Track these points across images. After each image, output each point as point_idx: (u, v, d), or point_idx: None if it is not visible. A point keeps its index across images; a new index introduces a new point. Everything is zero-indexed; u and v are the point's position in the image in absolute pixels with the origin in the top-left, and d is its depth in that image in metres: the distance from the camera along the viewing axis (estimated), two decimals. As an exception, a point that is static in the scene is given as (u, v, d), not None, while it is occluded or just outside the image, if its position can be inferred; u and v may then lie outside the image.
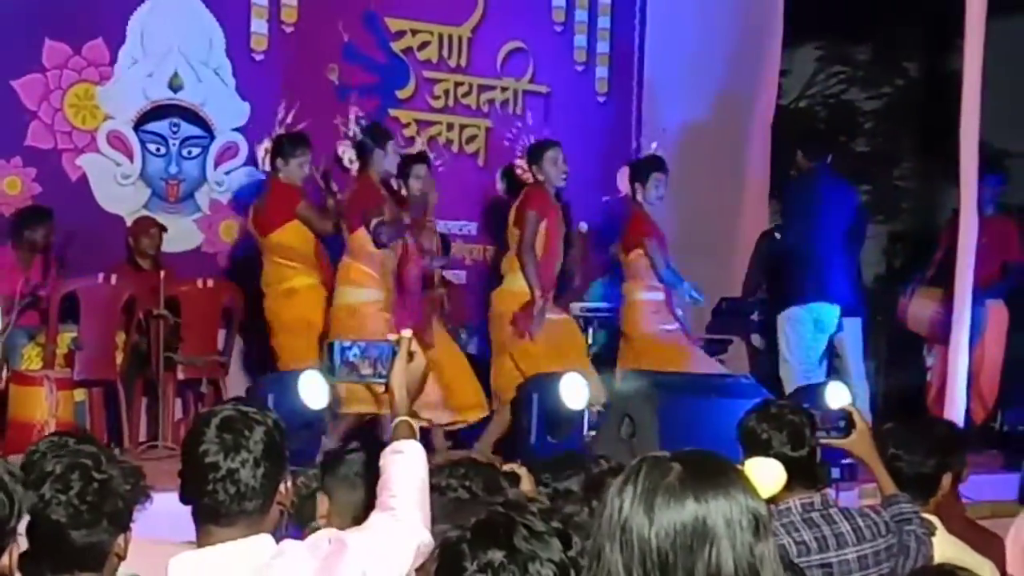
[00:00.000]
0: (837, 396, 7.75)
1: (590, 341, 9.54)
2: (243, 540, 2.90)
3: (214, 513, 2.91)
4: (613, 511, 1.98)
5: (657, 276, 8.85)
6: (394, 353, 3.36)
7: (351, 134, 8.31)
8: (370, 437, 6.64)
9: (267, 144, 8.50)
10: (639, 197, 8.96)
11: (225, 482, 2.89)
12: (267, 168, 8.31)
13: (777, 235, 9.71)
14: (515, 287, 8.49)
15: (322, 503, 3.80)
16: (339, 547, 2.95)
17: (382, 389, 3.40)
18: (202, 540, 2.94)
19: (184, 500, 2.96)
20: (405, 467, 3.18)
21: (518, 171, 8.89)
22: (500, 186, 9.62)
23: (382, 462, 3.23)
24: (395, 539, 3.04)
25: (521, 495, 3.48)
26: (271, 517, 2.98)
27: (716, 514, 1.94)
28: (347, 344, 3.45)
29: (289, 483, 3.07)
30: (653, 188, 8.86)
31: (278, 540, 2.98)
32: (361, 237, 8.04)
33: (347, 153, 8.24)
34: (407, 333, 3.43)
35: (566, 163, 8.65)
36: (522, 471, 4.07)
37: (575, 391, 7.88)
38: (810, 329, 9.19)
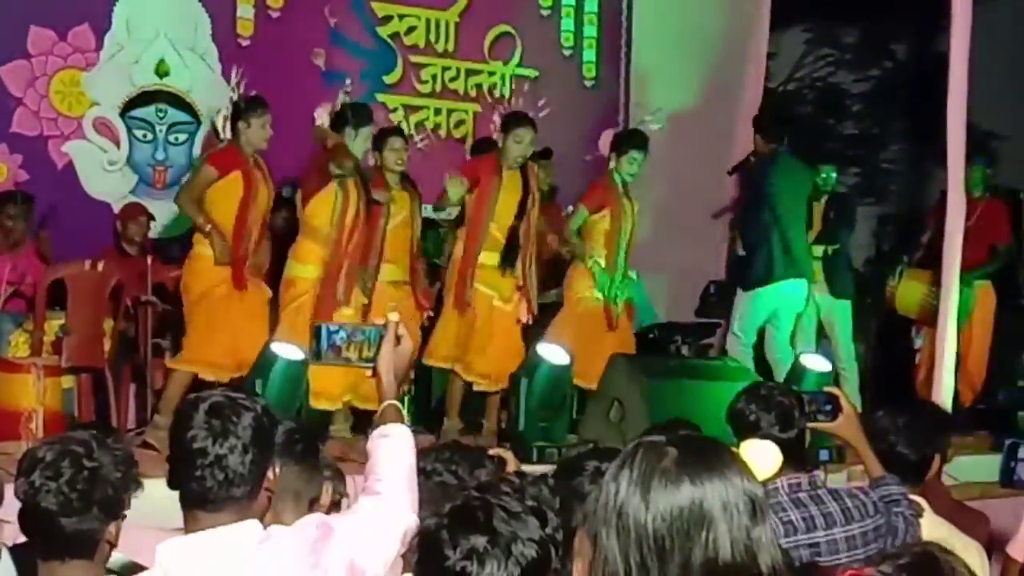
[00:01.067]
0: (813, 362, 7.80)
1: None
2: (231, 526, 2.89)
3: (202, 499, 2.90)
4: (609, 496, 1.97)
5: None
6: (381, 337, 3.35)
7: (337, 102, 8.12)
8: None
9: (224, 111, 8.29)
10: (612, 165, 8.88)
11: (213, 468, 2.88)
12: (227, 135, 8.06)
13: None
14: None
15: (325, 491, 3.79)
16: (326, 532, 2.94)
17: (369, 373, 3.39)
18: (189, 526, 2.93)
19: (172, 486, 2.95)
20: (392, 451, 3.18)
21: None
22: None
23: (369, 446, 3.22)
24: (382, 523, 3.04)
25: (493, 475, 3.47)
26: (259, 503, 2.97)
27: (713, 497, 1.93)
28: (333, 328, 3.44)
29: (278, 469, 3.06)
30: (627, 164, 8.77)
31: (265, 526, 2.97)
32: (308, 209, 7.84)
33: (322, 117, 8.07)
34: (394, 317, 3.41)
35: (532, 144, 8.48)
36: (508, 455, 4.07)
37: (554, 353, 7.86)
38: (763, 311, 9.23)
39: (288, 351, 7.10)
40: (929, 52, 12.96)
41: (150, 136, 9.52)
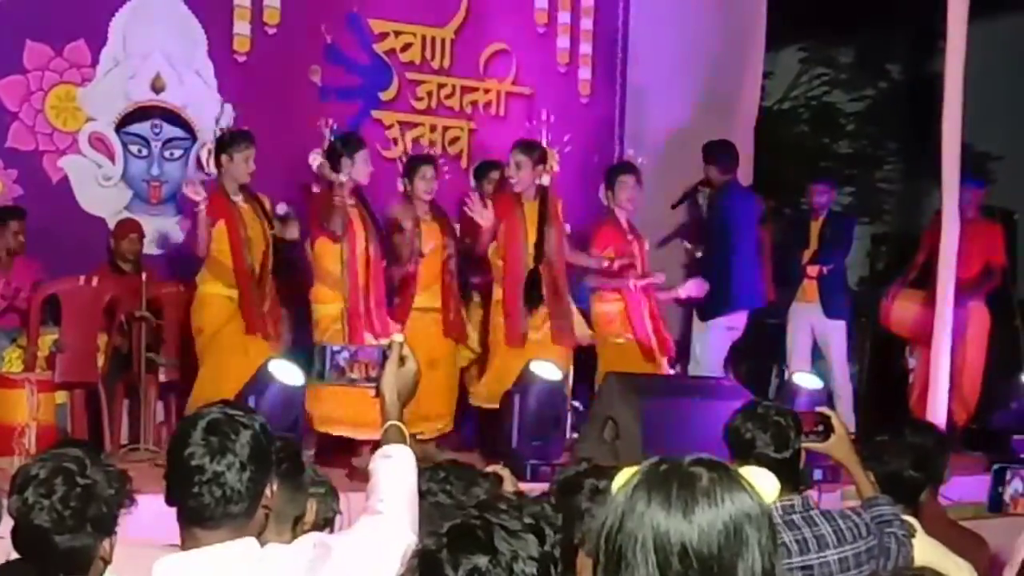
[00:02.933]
0: (805, 380, 7.82)
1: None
2: (228, 543, 2.88)
3: (199, 516, 2.90)
4: (637, 518, 1.98)
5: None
6: (385, 357, 3.35)
7: (325, 144, 8.20)
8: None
9: (209, 145, 8.30)
10: (610, 203, 9.01)
11: (211, 485, 2.88)
12: (211, 169, 8.11)
13: (694, 251, 9.74)
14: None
15: (310, 508, 3.79)
16: (324, 551, 2.94)
17: (373, 393, 3.38)
18: (187, 543, 2.93)
19: (169, 502, 2.95)
20: (393, 472, 3.17)
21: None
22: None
23: (371, 466, 3.22)
24: (381, 543, 3.03)
25: (492, 494, 3.46)
26: (256, 520, 2.97)
27: (746, 513, 1.97)
28: (337, 348, 3.44)
29: (275, 486, 3.06)
30: (621, 191, 8.90)
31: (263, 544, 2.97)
32: (315, 250, 8.03)
33: (316, 160, 8.16)
34: (399, 337, 3.41)
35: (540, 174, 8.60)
36: (504, 472, 4.07)
37: (546, 369, 7.91)
38: (721, 336, 9.28)
39: (286, 374, 7.08)
40: (924, 72, 13.00)
41: (145, 152, 9.51)
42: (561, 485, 3.41)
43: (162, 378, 8.49)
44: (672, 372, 9.21)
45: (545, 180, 8.63)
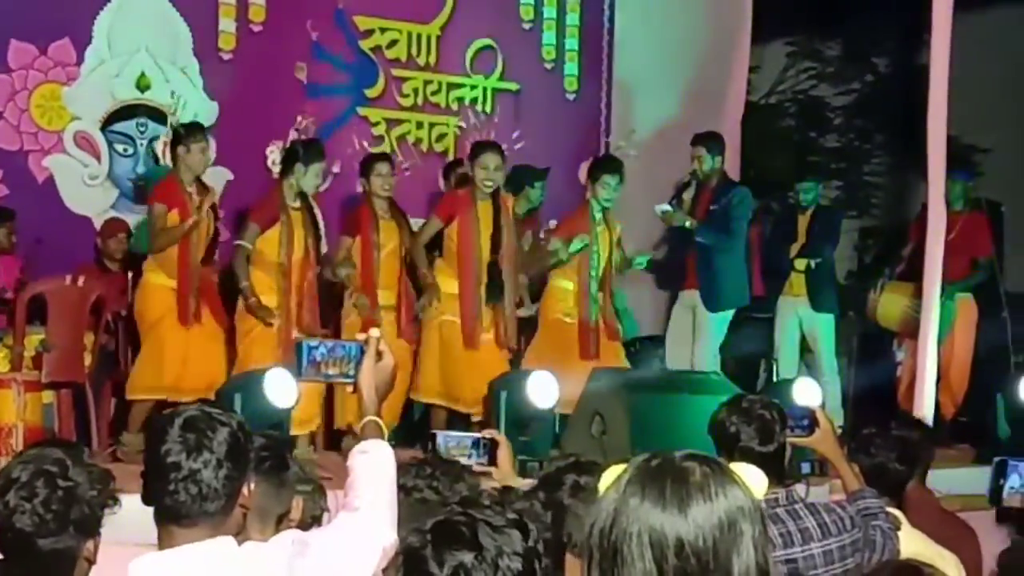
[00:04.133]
0: (806, 392, 7.77)
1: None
2: (204, 542, 2.87)
3: (175, 514, 2.89)
4: (630, 515, 1.98)
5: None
6: (362, 352, 3.34)
7: (287, 140, 8.29)
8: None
9: (164, 138, 8.30)
10: (588, 195, 9.00)
11: (187, 482, 2.86)
12: (167, 161, 8.19)
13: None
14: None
15: (296, 506, 3.77)
16: (302, 548, 2.93)
17: (350, 389, 3.38)
18: (163, 542, 2.91)
19: (146, 501, 2.94)
20: (372, 467, 3.16)
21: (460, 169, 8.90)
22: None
23: (349, 462, 3.20)
24: (360, 540, 3.01)
25: (474, 490, 3.46)
26: (234, 519, 2.96)
27: (740, 508, 1.98)
28: (314, 343, 3.44)
29: (252, 485, 3.04)
30: (602, 188, 8.90)
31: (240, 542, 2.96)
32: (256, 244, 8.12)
33: (273, 154, 8.25)
34: (375, 332, 3.41)
35: (497, 171, 8.61)
36: (500, 438, 4.08)
37: (543, 389, 7.89)
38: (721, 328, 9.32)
39: (278, 393, 7.05)
40: (911, 65, 12.99)
41: (131, 150, 9.50)
42: (543, 481, 3.41)
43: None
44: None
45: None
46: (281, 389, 7.02)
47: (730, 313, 9.28)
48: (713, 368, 9.03)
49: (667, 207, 9.20)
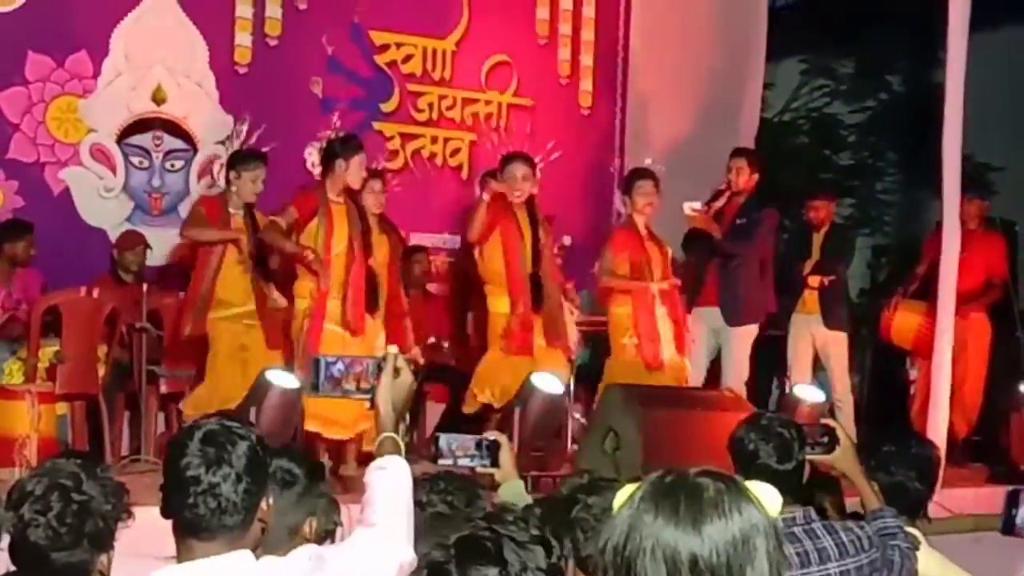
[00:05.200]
0: (806, 392, 7.77)
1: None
2: (223, 556, 2.87)
3: (194, 527, 2.88)
4: (643, 532, 1.98)
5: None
6: (380, 369, 3.35)
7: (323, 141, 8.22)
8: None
9: (221, 160, 8.25)
10: (628, 209, 8.99)
11: (206, 496, 2.86)
12: (220, 183, 8.16)
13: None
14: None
15: (309, 523, 3.77)
16: (319, 564, 2.93)
17: (367, 405, 3.38)
18: (182, 555, 2.91)
19: (165, 514, 2.94)
20: (389, 483, 3.16)
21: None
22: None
23: (366, 478, 3.20)
24: (376, 556, 3.01)
25: (500, 505, 3.45)
26: (252, 533, 2.95)
27: (754, 524, 1.97)
28: (331, 359, 3.44)
29: (271, 499, 3.05)
30: (639, 196, 8.86)
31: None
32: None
33: (312, 156, 8.20)
34: (393, 349, 3.41)
35: (526, 180, 8.58)
36: (503, 439, 4.08)
37: (548, 382, 7.90)
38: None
39: (282, 379, 7.11)
40: (924, 83, 12.99)
41: (146, 163, 9.53)
42: (557, 496, 3.41)
43: (163, 389, 8.50)
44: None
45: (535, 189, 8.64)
46: (282, 378, 7.09)
47: (754, 328, 9.25)
48: (741, 383, 9.02)
49: (698, 205, 9.11)
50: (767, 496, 2.04)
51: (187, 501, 2.86)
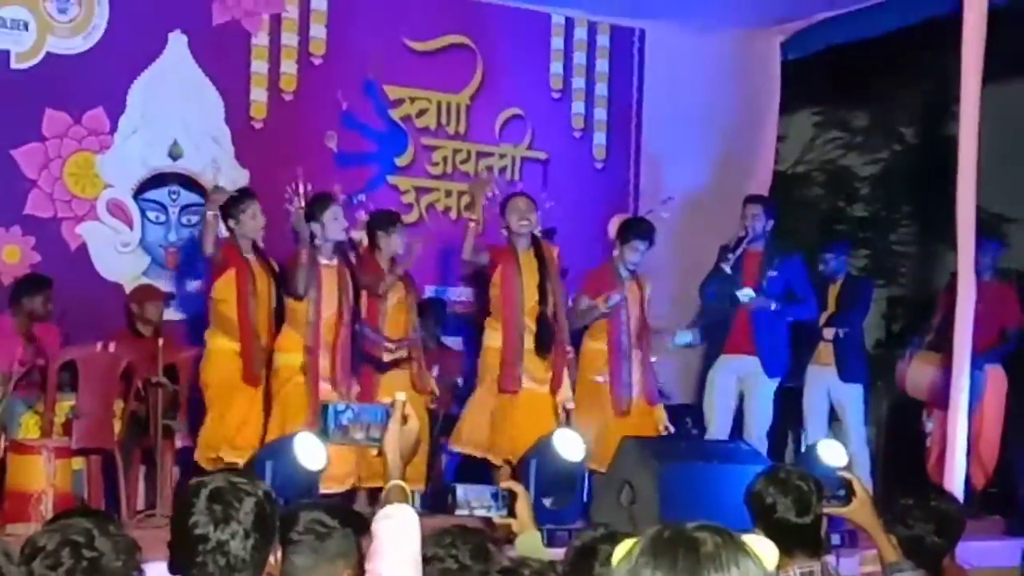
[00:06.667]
0: (831, 453, 7.74)
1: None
2: None
3: None
4: None
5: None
6: (388, 416, 3.37)
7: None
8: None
9: (214, 214, 8.32)
10: (615, 252, 9.04)
11: (215, 554, 2.86)
12: (226, 234, 8.25)
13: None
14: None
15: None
16: None
17: (375, 452, 3.40)
18: None
19: (173, 571, 2.94)
20: (395, 532, 3.17)
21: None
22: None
23: (374, 527, 3.21)
24: None
25: (494, 556, 3.45)
26: None
27: None
28: (341, 407, 3.46)
29: (279, 553, 3.05)
30: (628, 252, 8.95)
31: None
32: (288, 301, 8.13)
33: (294, 217, 8.33)
34: (401, 396, 3.43)
35: (529, 211, 8.68)
36: (519, 488, 4.08)
37: (569, 444, 7.89)
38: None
39: (308, 455, 7.07)
40: (938, 135, 13.01)
41: (163, 218, 9.58)
42: (577, 552, 3.41)
43: (178, 443, 8.50)
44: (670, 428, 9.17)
45: (537, 230, 8.76)
46: (311, 452, 7.05)
47: (778, 380, 9.27)
48: (764, 433, 9.03)
49: (751, 292, 9.16)
50: (765, 550, 2.04)
51: (195, 559, 2.86)
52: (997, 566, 7.17)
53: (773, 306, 9.19)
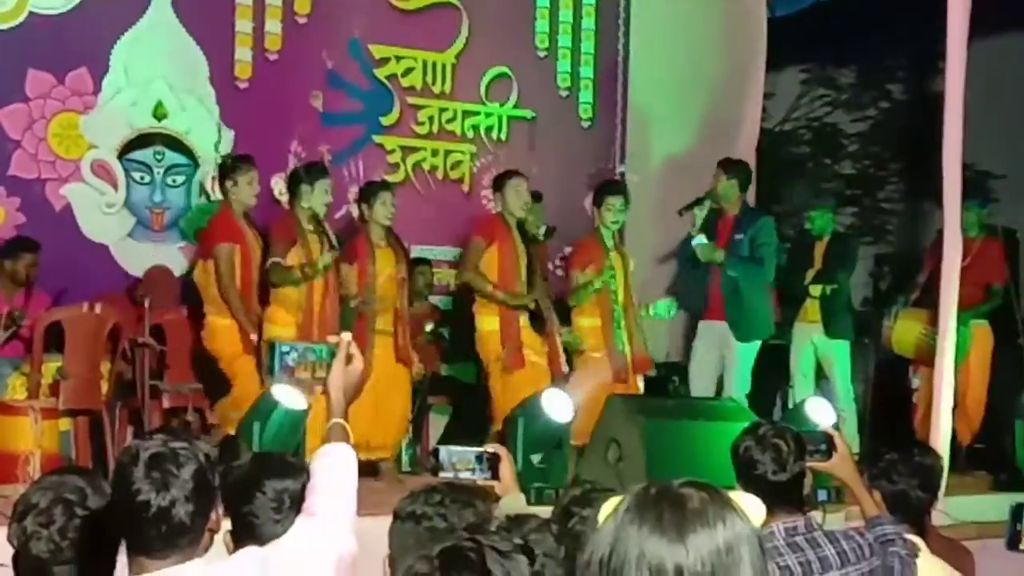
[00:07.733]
0: (819, 411, 7.75)
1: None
2: (176, 568, 2.87)
3: (146, 548, 2.87)
4: (631, 544, 1.99)
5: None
6: (332, 356, 3.36)
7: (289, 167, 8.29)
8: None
9: (212, 173, 8.31)
10: (597, 222, 9.02)
11: (157, 520, 2.85)
12: (217, 195, 8.20)
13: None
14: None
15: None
16: (264, 567, 2.95)
17: (320, 390, 3.39)
18: (133, 570, 2.90)
19: (117, 534, 2.93)
20: (333, 471, 3.18)
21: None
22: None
23: (312, 465, 3.22)
24: (314, 549, 3.03)
25: (482, 514, 3.46)
26: (203, 543, 2.95)
27: (739, 535, 1.99)
28: (285, 348, 3.47)
29: (220, 510, 3.04)
30: (607, 212, 8.92)
31: None
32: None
33: (278, 185, 8.27)
34: (346, 336, 3.43)
35: (528, 196, 8.68)
36: (502, 451, 4.09)
37: (557, 403, 7.88)
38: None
39: (289, 399, 7.09)
40: (925, 92, 13.01)
41: (148, 178, 9.54)
42: (563, 510, 3.41)
43: (165, 404, 8.50)
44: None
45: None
46: (290, 397, 7.07)
47: (758, 343, 9.28)
48: (743, 396, 9.04)
49: (703, 240, 9.13)
50: (751, 506, 2.05)
51: (138, 525, 2.85)
52: (983, 520, 7.21)
53: (718, 256, 9.12)
